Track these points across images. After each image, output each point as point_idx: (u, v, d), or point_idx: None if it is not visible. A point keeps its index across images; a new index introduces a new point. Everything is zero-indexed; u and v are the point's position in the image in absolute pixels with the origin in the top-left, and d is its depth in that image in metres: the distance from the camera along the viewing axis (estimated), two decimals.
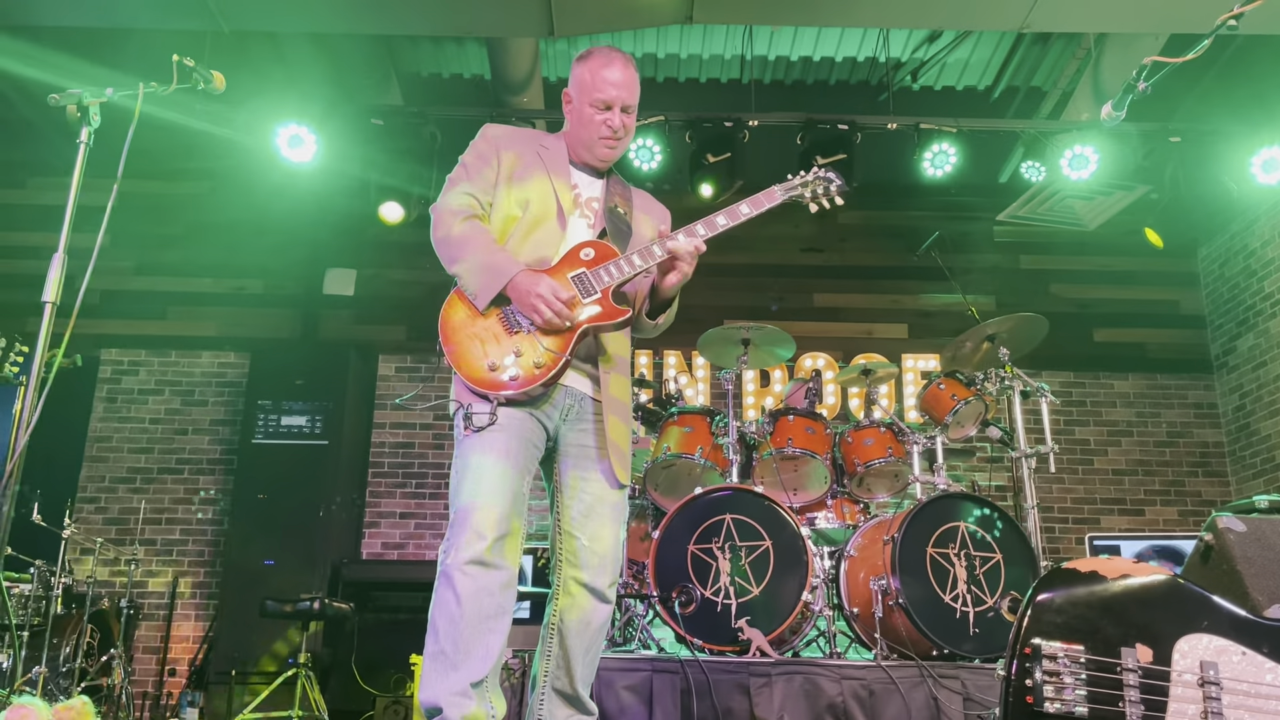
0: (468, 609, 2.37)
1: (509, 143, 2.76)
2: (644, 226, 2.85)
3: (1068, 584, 1.47)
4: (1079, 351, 7.54)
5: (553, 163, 2.75)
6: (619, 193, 2.83)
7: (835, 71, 7.24)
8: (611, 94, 2.69)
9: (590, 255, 2.63)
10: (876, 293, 7.73)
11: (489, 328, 2.56)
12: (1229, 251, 7.44)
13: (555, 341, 2.53)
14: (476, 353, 2.53)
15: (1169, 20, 5.26)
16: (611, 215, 2.75)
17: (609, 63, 2.74)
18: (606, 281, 2.59)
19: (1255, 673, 1.41)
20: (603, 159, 2.79)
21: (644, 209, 2.91)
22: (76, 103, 2.22)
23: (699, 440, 4.64)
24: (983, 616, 3.99)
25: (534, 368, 2.51)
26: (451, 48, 6.98)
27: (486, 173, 2.70)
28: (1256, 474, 7.08)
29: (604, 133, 2.72)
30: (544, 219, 2.67)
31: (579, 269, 2.61)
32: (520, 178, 2.70)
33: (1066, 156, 6.00)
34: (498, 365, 2.51)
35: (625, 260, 2.61)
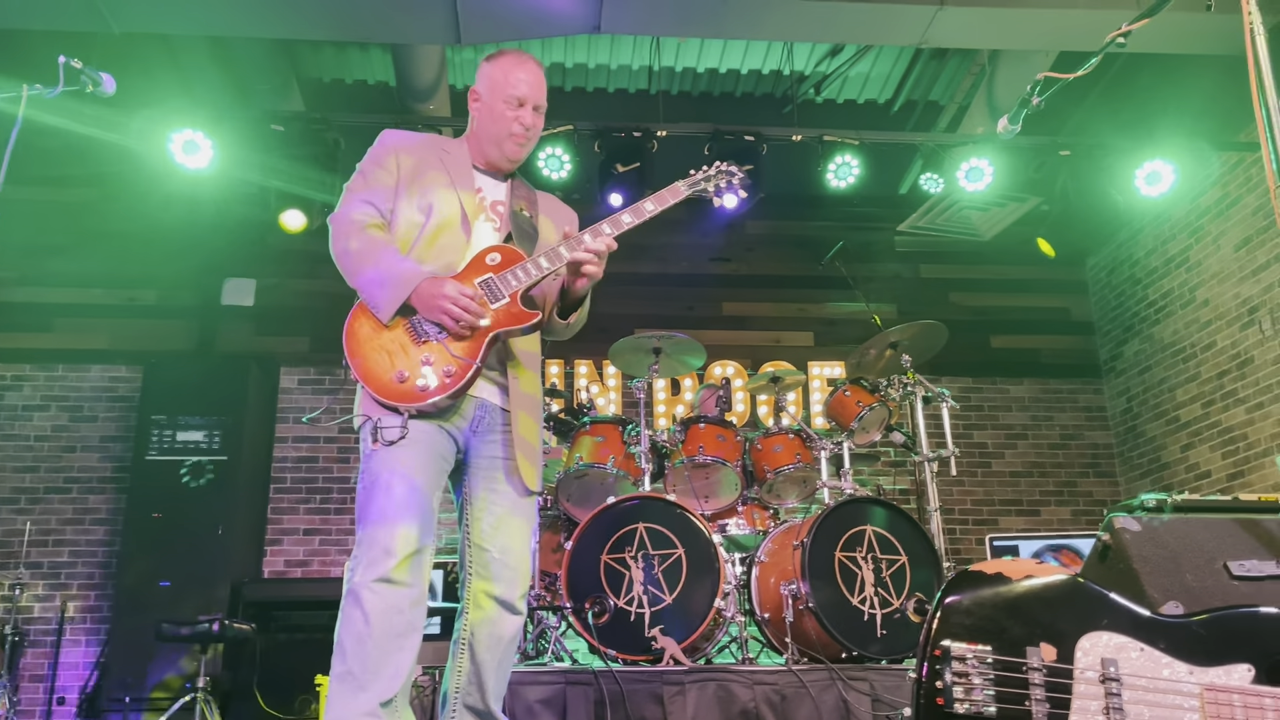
0: (376, 627, 2.32)
1: (408, 148, 2.70)
2: (550, 230, 2.82)
3: (974, 586, 1.51)
4: (976, 358, 7.78)
5: (455, 167, 2.70)
6: (524, 196, 2.81)
7: (741, 84, 7.34)
8: (524, 90, 2.68)
9: (497, 260, 2.59)
10: (783, 301, 7.85)
11: (396, 338, 2.50)
12: (1115, 260, 7.77)
13: (465, 348, 2.48)
14: (384, 364, 2.47)
15: (1058, 38, 5.48)
16: (517, 219, 2.72)
17: (522, 62, 2.73)
18: (514, 285, 2.56)
19: (1153, 668, 1.47)
20: (512, 157, 2.76)
21: (549, 212, 2.88)
22: None
23: (611, 449, 4.64)
24: (889, 618, 4.07)
25: (444, 377, 2.46)
26: (355, 53, 6.85)
27: (385, 180, 2.64)
28: (1143, 474, 7.40)
29: (515, 129, 2.69)
30: (448, 226, 2.62)
31: (486, 274, 2.57)
32: (422, 184, 2.64)
33: (963, 169, 6.19)
34: (407, 376, 2.45)
35: (532, 263, 2.57)
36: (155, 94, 5.91)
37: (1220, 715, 1.47)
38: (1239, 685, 1.49)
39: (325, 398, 7.17)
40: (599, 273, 2.63)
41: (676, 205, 6.55)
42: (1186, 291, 6.93)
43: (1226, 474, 6.52)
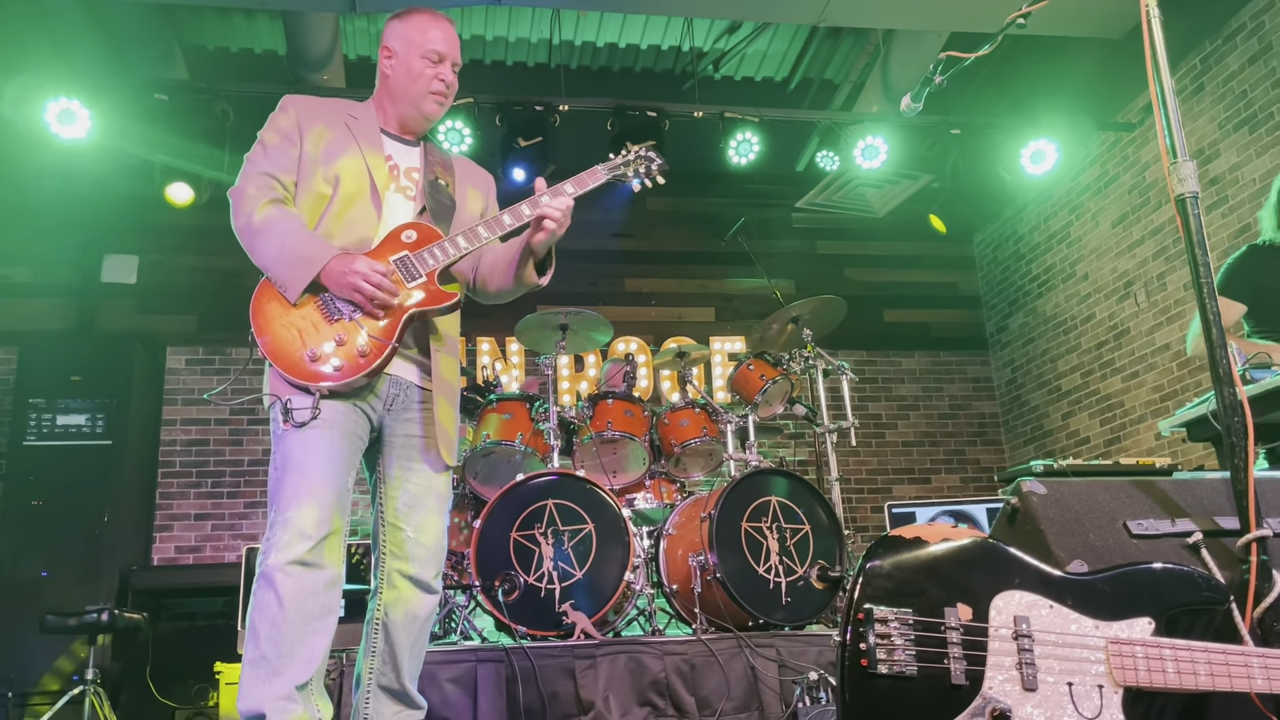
0: (290, 611, 2.27)
1: (313, 114, 2.57)
2: (470, 199, 2.74)
3: (894, 550, 1.56)
4: (871, 331, 8.00)
5: (363, 133, 2.58)
6: (438, 161, 2.69)
7: (641, 59, 7.33)
8: (443, 47, 2.61)
9: (413, 238, 2.51)
10: (685, 277, 7.92)
11: (307, 316, 2.41)
12: (1001, 237, 8.07)
13: (381, 328, 2.41)
14: (294, 342, 2.38)
15: (952, 19, 5.64)
16: (433, 189, 2.62)
17: (437, 20, 2.64)
18: (431, 265, 2.48)
19: (1061, 624, 1.55)
20: (430, 115, 2.65)
21: (467, 178, 2.77)
22: None
23: (519, 427, 4.60)
24: (794, 586, 4.17)
25: (358, 356, 2.38)
26: (240, 20, 6.59)
27: (288, 150, 2.52)
28: (1027, 441, 7.74)
29: (436, 86, 2.61)
30: (357, 196, 2.52)
31: (401, 252, 2.48)
32: (328, 152, 2.53)
33: (859, 146, 6.33)
34: (318, 355, 2.36)
35: (450, 243, 2.51)
36: (28, 60, 5.59)
37: (1124, 666, 1.56)
38: (1141, 638, 1.58)
39: (215, 378, 6.93)
40: (560, 230, 2.55)
41: None
42: (1067, 266, 7.25)
43: (1104, 440, 6.87)
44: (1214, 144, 5.81)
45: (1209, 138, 5.83)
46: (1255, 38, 5.55)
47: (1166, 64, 1.77)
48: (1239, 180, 5.66)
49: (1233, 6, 5.64)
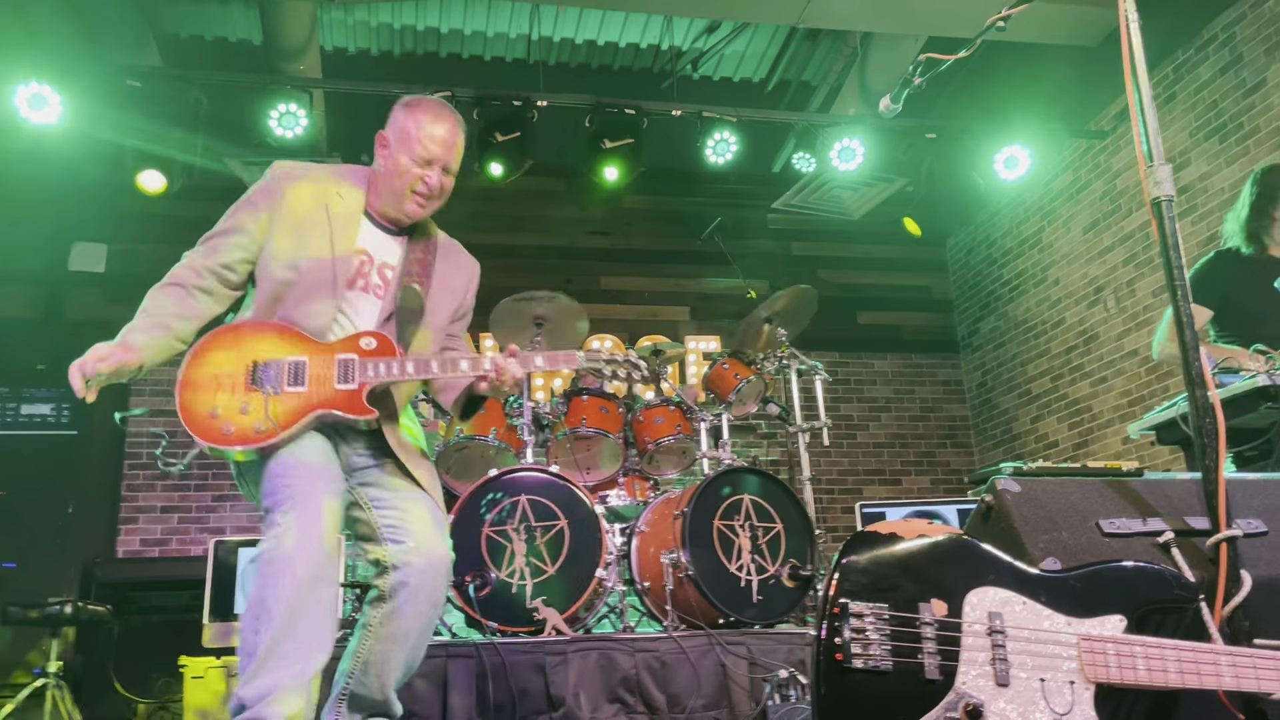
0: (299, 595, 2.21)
1: (295, 188, 2.53)
2: (442, 301, 2.65)
3: (871, 546, 1.57)
4: (844, 334, 8.04)
5: (341, 224, 2.52)
6: (419, 259, 2.60)
7: (620, 57, 7.33)
8: (436, 151, 2.50)
9: (371, 346, 2.46)
10: (660, 276, 7.92)
11: (234, 373, 2.39)
12: (974, 241, 8.14)
13: (284, 414, 2.36)
14: (208, 390, 2.37)
15: (931, 23, 5.68)
16: (404, 295, 2.55)
17: (439, 118, 2.52)
18: (366, 378, 2.42)
19: (1034, 620, 1.56)
20: (410, 215, 2.57)
21: (447, 273, 2.68)
22: None
23: (492, 421, 4.59)
24: (765, 584, 4.18)
25: (254, 432, 2.33)
26: (215, 8, 6.51)
27: (251, 229, 2.50)
28: (996, 444, 7.81)
29: (419, 189, 2.52)
30: (316, 291, 2.47)
31: (351, 354, 2.44)
32: (300, 237, 2.48)
33: (836, 149, 6.35)
34: (218, 415, 2.34)
35: (399, 365, 2.44)
36: None
37: (1095, 663, 1.57)
38: (1112, 635, 1.60)
39: None
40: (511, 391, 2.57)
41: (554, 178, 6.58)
42: (1039, 271, 7.33)
43: (1073, 444, 6.95)
44: (1184, 153, 5.89)
45: (1179, 146, 5.91)
46: (1227, 48, 5.63)
47: (1145, 69, 1.79)
48: (1209, 189, 5.75)
49: (1205, 17, 5.72)
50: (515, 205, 7.59)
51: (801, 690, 3.44)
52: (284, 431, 2.33)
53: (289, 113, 5.57)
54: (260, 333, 2.45)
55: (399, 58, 7.18)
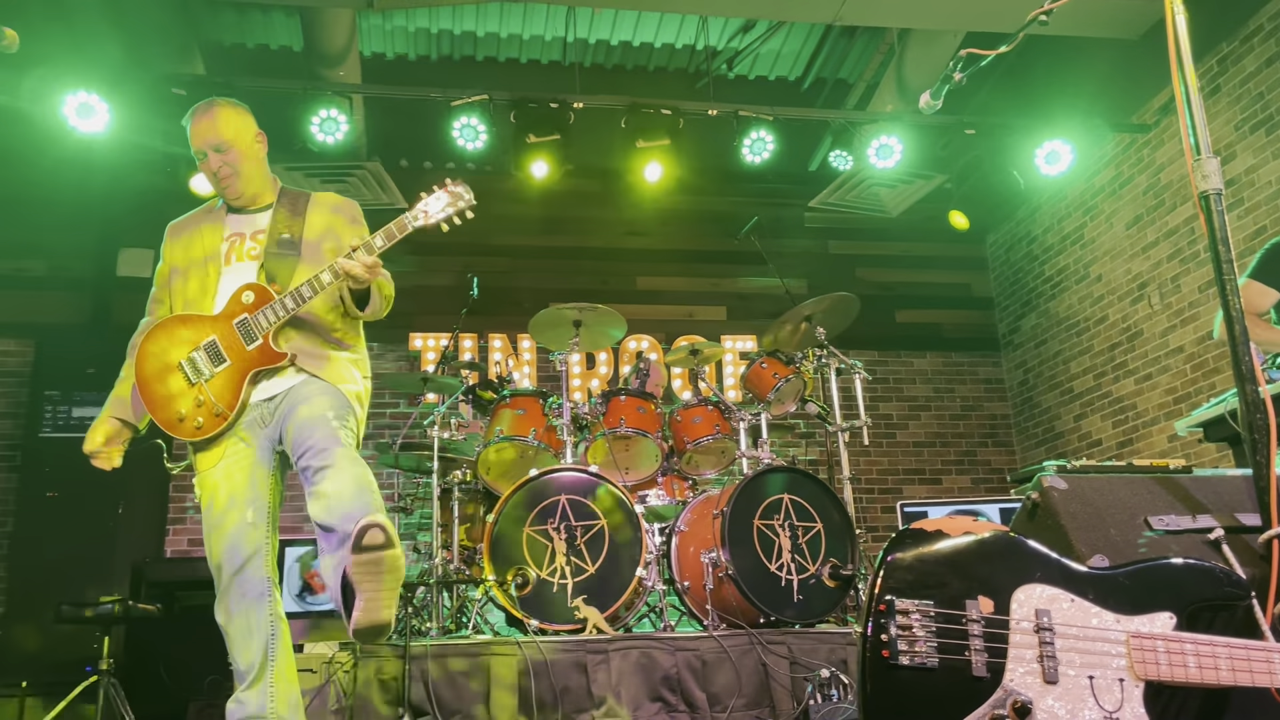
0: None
1: (175, 232, 3.02)
2: (316, 238, 2.97)
3: (917, 543, 1.57)
4: (882, 332, 7.99)
5: (207, 222, 2.98)
6: (288, 212, 2.99)
7: (655, 57, 7.34)
8: (198, 144, 2.91)
9: (250, 299, 2.83)
10: (696, 275, 7.92)
11: (176, 379, 2.80)
12: (1014, 238, 8.05)
13: (228, 393, 2.77)
14: (166, 401, 2.80)
15: (968, 19, 5.63)
16: (277, 245, 2.92)
17: (193, 117, 2.94)
18: (265, 327, 2.79)
19: (1083, 617, 1.55)
20: (230, 198, 2.96)
21: (318, 215, 3.03)
22: None
23: (532, 422, 4.62)
24: (806, 583, 4.18)
25: (215, 416, 2.77)
26: (257, 16, 6.62)
27: (161, 270, 3.01)
28: (1039, 443, 7.72)
29: (210, 177, 2.94)
30: (193, 279, 2.90)
31: (242, 314, 2.81)
32: (186, 254, 2.95)
33: (873, 146, 6.31)
34: (185, 416, 2.77)
35: (279, 305, 2.79)
36: (47, 54, 5.61)
37: (1145, 660, 1.56)
38: (1162, 632, 1.58)
39: None
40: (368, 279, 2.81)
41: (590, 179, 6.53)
42: (1081, 268, 7.23)
43: (1117, 442, 6.85)
44: (1230, 145, 5.79)
45: (1225, 139, 5.81)
46: (1273, 39, 5.53)
47: (1190, 61, 1.77)
48: (1255, 182, 5.64)
49: (1250, 8, 5.63)
50: (552, 206, 7.62)
51: (843, 690, 3.43)
52: (237, 404, 2.76)
53: (330, 118, 5.63)
54: (168, 331, 2.84)
55: (436, 61, 7.25)
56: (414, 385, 5.41)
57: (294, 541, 5.12)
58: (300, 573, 5.08)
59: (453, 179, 2.96)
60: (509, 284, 7.44)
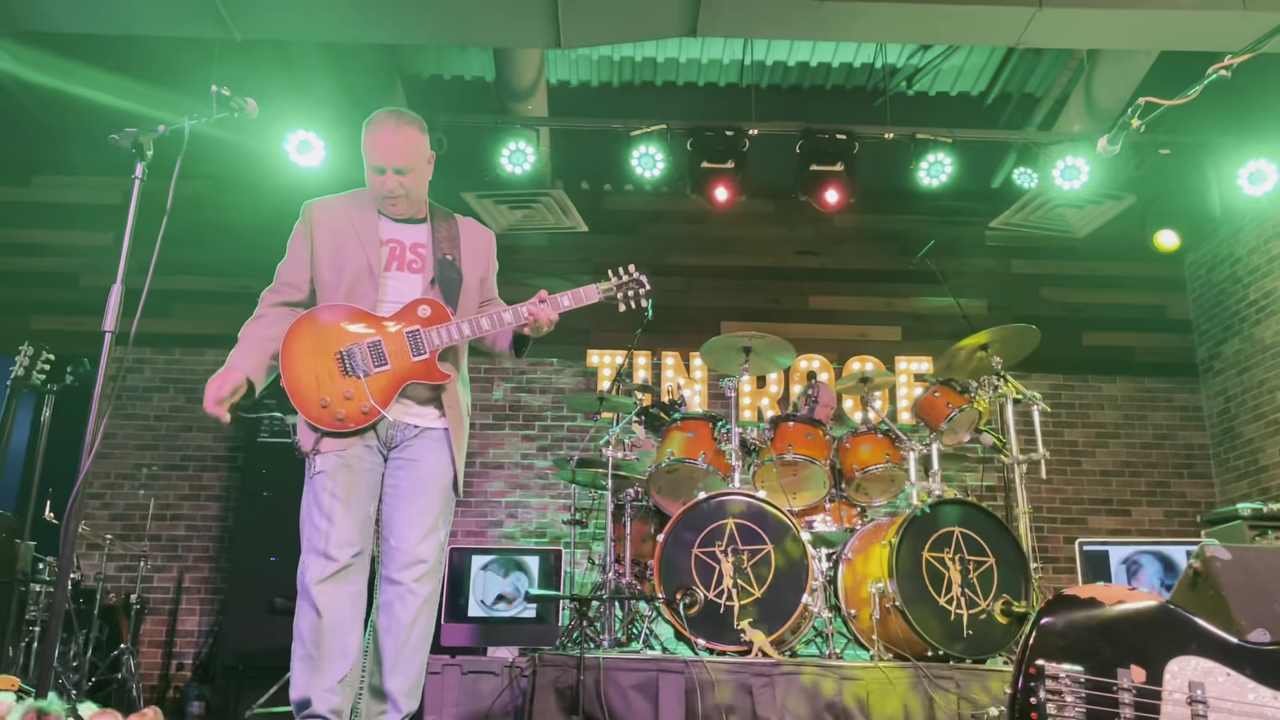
0: (327, 618, 2.74)
1: (323, 215, 3.06)
2: (473, 268, 3.10)
3: (1069, 609, 1.60)
4: (1068, 355, 7.69)
5: (363, 225, 3.01)
6: (445, 235, 3.07)
7: (832, 77, 7.36)
8: (381, 160, 2.96)
9: (427, 314, 2.93)
10: (871, 295, 7.86)
11: (326, 366, 2.86)
12: (1215, 258, 7.60)
13: (381, 392, 2.85)
14: (311, 386, 2.85)
15: (1160, 38, 5.39)
16: (442, 266, 3.01)
17: (381, 127, 2.99)
18: (436, 344, 2.90)
19: (1239, 692, 1.55)
20: (393, 216, 3.03)
21: (471, 245, 3.13)
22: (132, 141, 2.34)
23: (701, 445, 4.76)
24: (976, 619, 4.14)
25: (360, 413, 2.84)
26: (453, 50, 7.06)
27: (300, 252, 3.05)
28: (1240, 476, 7.26)
29: (382, 192, 2.98)
30: (358, 280, 2.95)
31: (414, 326, 2.91)
32: (335, 245, 2.99)
33: (1059, 167, 6.13)
34: (329, 403, 2.83)
35: (456, 328, 2.92)
36: (269, 94, 6.19)
37: None
38: None
39: None
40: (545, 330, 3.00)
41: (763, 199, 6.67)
42: None
43: None
44: None
45: None
46: None
47: None
48: None
49: None
50: (724, 227, 7.76)
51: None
52: (386, 408, 2.84)
53: (519, 150, 5.98)
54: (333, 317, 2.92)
55: (618, 88, 7.52)
56: (591, 404, 5.67)
57: (479, 550, 5.46)
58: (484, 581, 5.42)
59: (639, 269, 3.16)
60: (683, 303, 7.63)
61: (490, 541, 7.05)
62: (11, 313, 7.37)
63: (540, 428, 7.43)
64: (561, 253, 7.59)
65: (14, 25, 5.33)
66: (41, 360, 4.40)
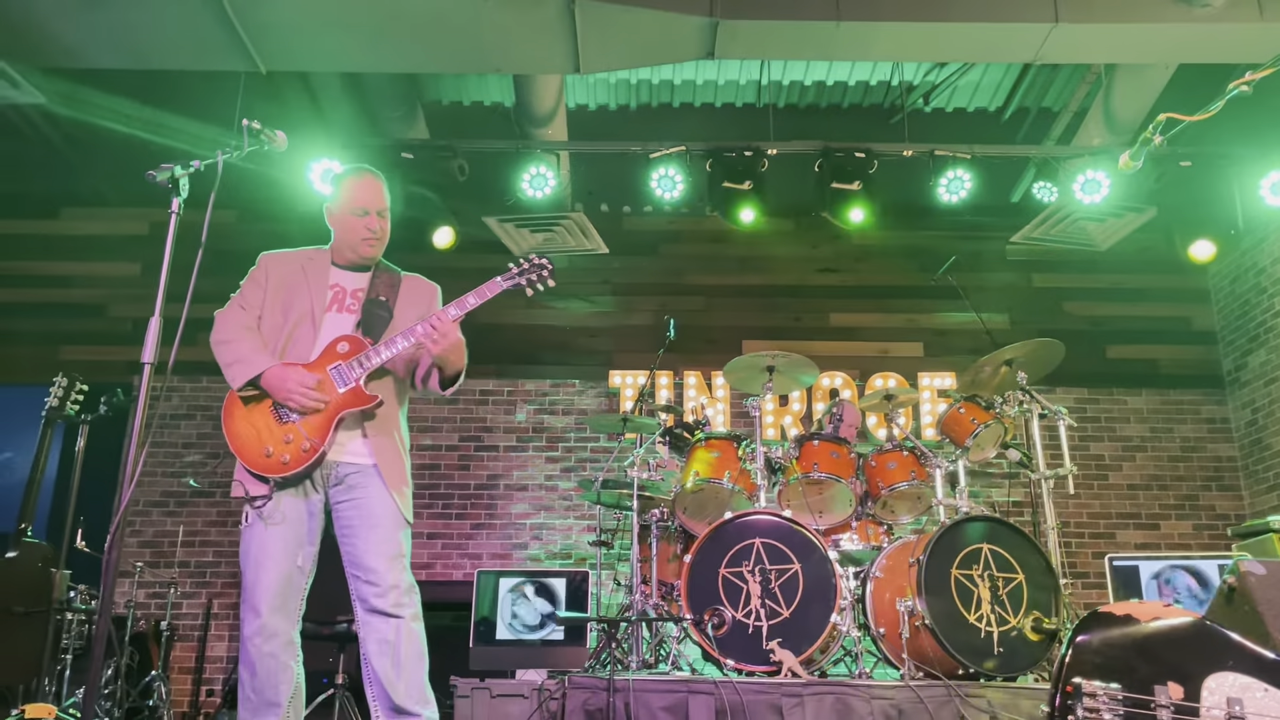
0: (259, 670, 2.94)
1: (276, 265, 3.27)
2: (408, 309, 3.26)
3: (1104, 627, 1.61)
4: (1092, 368, 7.66)
5: (313, 271, 3.23)
6: (385, 282, 3.27)
7: (849, 95, 7.39)
8: (367, 202, 3.23)
9: (346, 349, 3.10)
10: (892, 312, 7.86)
11: (263, 419, 3.01)
12: (1240, 269, 7.55)
13: (316, 430, 2.98)
14: (253, 439, 2.99)
15: (1177, 52, 5.40)
16: (372, 305, 3.21)
17: (361, 179, 3.29)
18: (359, 373, 3.06)
19: (1277, 708, 1.55)
20: (366, 256, 3.24)
21: (410, 293, 3.31)
22: (169, 177, 2.39)
23: (726, 465, 4.77)
24: (1006, 636, 4.11)
25: (301, 453, 2.97)
26: (473, 76, 7.14)
27: (255, 293, 3.22)
28: (1270, 488, 7.18)
29: (365, 234, 3.21)
30: (300, 322, 3.14)
31: (336, 362, 3.07)
32: (285, 290, 3.20)
33: (1079, 181, 6.13)
34: (271, 452, 2.97)
35: (374, 352, 3.08)
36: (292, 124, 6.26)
37: None
38: None
39: (446, 406, 7.49)
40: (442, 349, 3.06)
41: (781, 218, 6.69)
42: None
43: None
44: None
45: None
46: None
47: None
48: None
49: None
50: (745, 246, 7.79)
51: None
52: (325, 442, 2.98)
53: (539, 175, 6.03)
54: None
55: (635, 110, 7.57)
56: (614, 425, 5.69)
57: (506, 572, 5.47)
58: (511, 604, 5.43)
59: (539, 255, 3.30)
60: (704, 322, 7.66)
61: (515, 564, 7.07)
62: (41, 343, 7.48)
63: (564, 449, 7.46)
64: (582, 274, 7.64)
65: (42, 61, 5.45)
66: (75, 391, 4.48)
